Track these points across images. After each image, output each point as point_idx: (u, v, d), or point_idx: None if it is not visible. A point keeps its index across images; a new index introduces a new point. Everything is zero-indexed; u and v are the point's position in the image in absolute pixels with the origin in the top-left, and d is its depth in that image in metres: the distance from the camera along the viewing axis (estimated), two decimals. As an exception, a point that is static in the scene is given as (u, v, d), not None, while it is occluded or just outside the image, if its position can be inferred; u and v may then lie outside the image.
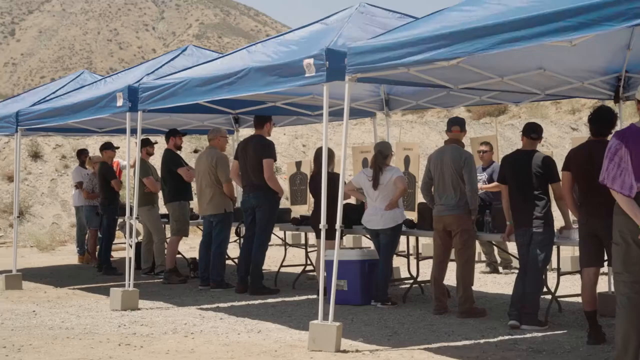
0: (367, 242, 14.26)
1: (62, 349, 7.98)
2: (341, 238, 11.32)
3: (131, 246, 10.82)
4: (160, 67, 11.87)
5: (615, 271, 6.38)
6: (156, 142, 14.33)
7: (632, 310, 6.25)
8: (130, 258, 10.64)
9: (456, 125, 9.85)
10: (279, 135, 27.52)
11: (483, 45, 6.62)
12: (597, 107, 8.31)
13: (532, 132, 8.95)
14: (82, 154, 16.54)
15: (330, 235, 8.52)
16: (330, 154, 10.99)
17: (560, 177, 8.46)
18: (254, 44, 10.43)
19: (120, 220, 14.53)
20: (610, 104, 9.86)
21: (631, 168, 6.15)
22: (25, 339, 8.51)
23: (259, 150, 11.40)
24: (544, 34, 6.17)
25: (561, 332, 8.56)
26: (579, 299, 9.47)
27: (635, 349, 6.25)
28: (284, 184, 17.67)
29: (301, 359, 7.40)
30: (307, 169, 14.33)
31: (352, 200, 12.00)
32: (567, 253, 12.29)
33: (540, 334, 8.43)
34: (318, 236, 8.41)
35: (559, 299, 9.68)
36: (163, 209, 13.54)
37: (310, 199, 12.92)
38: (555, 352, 7.59)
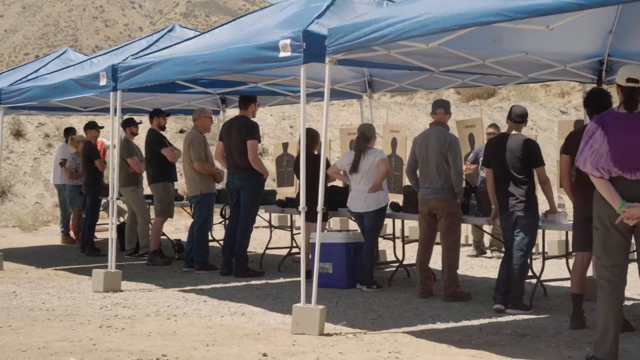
0: (353, 225, 14.22)
1: (42, 330, 7.92)
2: (326, 220, 11.32)
3: (114, 226, 10.75)
4: (146, 47, 11.78)
5: (596, 255, 6.45)
6: (140, 122, 14.25)
7: (612, 293, 6.30)
8: (112, 239, 10.57)
9: (441, 107, 9.81)
10: (265, 116, 27.44)
11: (457, 23, 6.63)
12: (590, 90, 8.27)
13: (516, 115, 8.90)
14: (69, 132, 16.42)
15: (315, 218, 8.46)
16: (315, 135, 10.94)
17: (560, 160, 8.39)
18: (230, 22, 10.35)
19: (103, 200, 14.44)
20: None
21: (608, 152, 6.14)
22: (5, 320, 8.44)
23: (243, 132, 11.32)
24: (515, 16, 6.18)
25: (546, 316, 8.56)
26: (564, 283, 9.50)
27: (615, 331, 6.29)
28: (270, 165, 17.61)
29: (284, 342, 7.36)
30: (294, 150, 14.27)
31: (338, 183, 11.95)
32: (553, 237, 12.29)
33: (524, 318, 8.42)
34: (306, 218, 8.45)
35: (544, 283, 9.66)
36: (147, 190, 13.46)
37: (297, 180, 12.88)
38: (539, 336, 7.58)
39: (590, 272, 8.23)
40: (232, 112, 14.80)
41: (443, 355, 6.92)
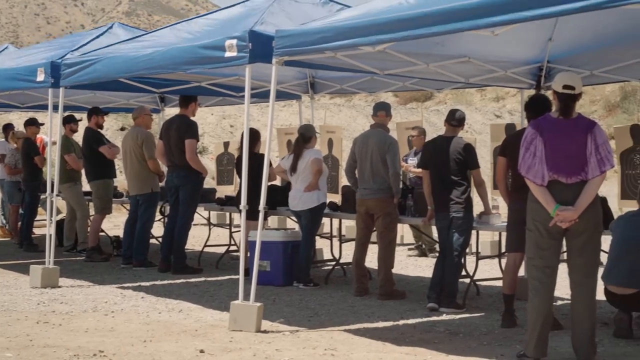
0: (291, 224, 14.33)
1: (-22, 326, 7.90)
2: (265, 219, 11.39)
3: (52, 222, 10.72)
4: (86, 44, 11.73)
5: (528, 256, 6.62)
6: (80, 120, 14.20)
7: (543, 293, 6.48)
8: (50, 235, 10.54)
9: (382, 110, 9.94)
10: (206, 115, 27.38)
11: (406, 33, 6.85)
12: (533, 95, 8.47)
13: (453, 119, 9.08)
14: (7, 128, 16.29)
15: (255, 216, 8.53)
16: (256, 135, 11.02)
17: (497, 162, 8.56)
18: (177, 23, 10.40)
19: (42, 196, 14.36)
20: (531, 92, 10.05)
21: (544, 157, 6.34)
22: (-59, 315, 8.40)
23: (181, 131, 11.36)
24: (465, 26, 6.42)
25: (478, 314, 8.72)
26: (497, 283, 9.69)
27: (545, 330, 6.49)
28: (210, 164, 17.63)
29: (221, 339, 7.43)
30: (234, 149, 14.35)
31: (277, 182, 12.04)
32: (486, 238, 12.50)
33: (457, 317, 8.58)
34: (246, 217, 8.52)
35: (477, 282, 9.83)
36: (87, 187, 13.42)
37: (237, 179, 12.94)
38: (471, 334, 7.74)
39: (521, 272, 8.43)
40: (171, 110, 14.83)
41: (378, 352, 7.03)
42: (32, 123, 14.58)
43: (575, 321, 6.55)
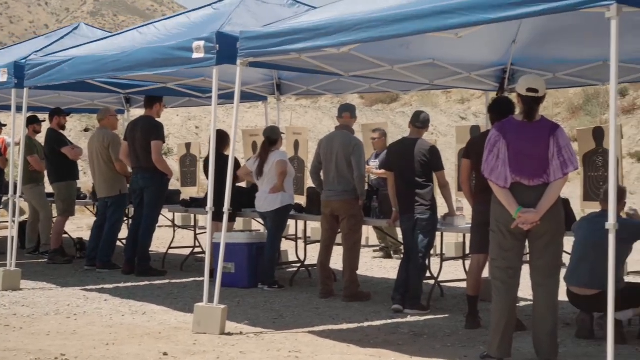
0: (257, 225, 14.29)
1: (-62, 329, 7.80)
2: (233, 221, 11.37)
3: (14, 224, 10.62)
4: (50, 44, 11.65)
5: (492, 257, 6.67)
6: (44, 120, 14.09)
7: (507, 294, 6.53)
8: (12, 237, 10.44)
9: (347, 111, 9.95)
10: (171, 116, 27.31)
11: (370, 35, 6.93)
12: (496, 97, 8.52)
13: (417, 120, 9.11)
14: (-31, 129, 16.11)
15: (222, 218, 8.51)
16: (226, 137, 11.00)
17: (461, 164, 8.60)
18: (144, 25, 10.36)
19: (4, 198, 14.23)
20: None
21: (508, 160, 6.38)
22: None
23: (147, 132, 11.30)
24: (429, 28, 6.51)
25: (442, 316, 8.76)
26: (461, 284, 9.73)
27: (508, 331, 6.52)
28: (175, 165, 17.56)
29: (185, 341, 7.39)
30: (196, 150, 14.32)
31: (242, 184, 12.02)
32: (451, 239, 12.56)
33: (422, 318, 8.60)
34: (213, 218, 8.51)
35: (441, 284, 9.88)
36: (50, 188, 13.31)
37: (200, 180, 12.90)
38: (435, 336, 7.76)
39: (485, 273, 8.46)
40: (137, 111, 14.75)
41: (342, 354, 7.03)
42: (-7, 124, 14.44)
43: (537, 322, 6.60)
